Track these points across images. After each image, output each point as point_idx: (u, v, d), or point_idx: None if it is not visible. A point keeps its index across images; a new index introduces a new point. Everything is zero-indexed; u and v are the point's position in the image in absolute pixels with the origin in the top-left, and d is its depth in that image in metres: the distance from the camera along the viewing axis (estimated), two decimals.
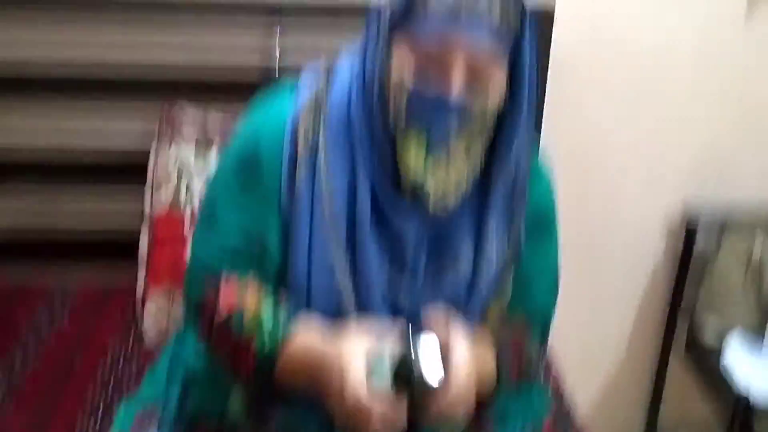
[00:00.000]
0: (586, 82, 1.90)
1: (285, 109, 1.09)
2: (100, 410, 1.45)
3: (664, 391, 2.11)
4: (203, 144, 1.66)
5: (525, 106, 1.06)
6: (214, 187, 1.13)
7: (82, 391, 1.49)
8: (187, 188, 1.64)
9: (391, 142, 1.04)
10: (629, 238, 2.05)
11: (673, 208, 2.01)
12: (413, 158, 1.02)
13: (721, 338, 1.86)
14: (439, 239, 1.10)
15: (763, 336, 1.80)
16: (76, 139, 1.78)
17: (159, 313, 1.63)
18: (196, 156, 1.65)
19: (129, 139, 1.77)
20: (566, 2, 1.78)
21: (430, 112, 1.00)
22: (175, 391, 1.21)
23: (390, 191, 1.06)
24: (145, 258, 1.67)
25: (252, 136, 1.09)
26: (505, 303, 1.17)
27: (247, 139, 1.10)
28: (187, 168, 1.65)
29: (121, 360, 1.59)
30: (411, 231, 1.07)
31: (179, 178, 1.64)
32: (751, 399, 1.66)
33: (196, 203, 1.62)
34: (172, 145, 1.66)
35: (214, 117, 1.69)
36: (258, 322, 1.05)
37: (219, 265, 1.09)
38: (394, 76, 1.01)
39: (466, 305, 1.11)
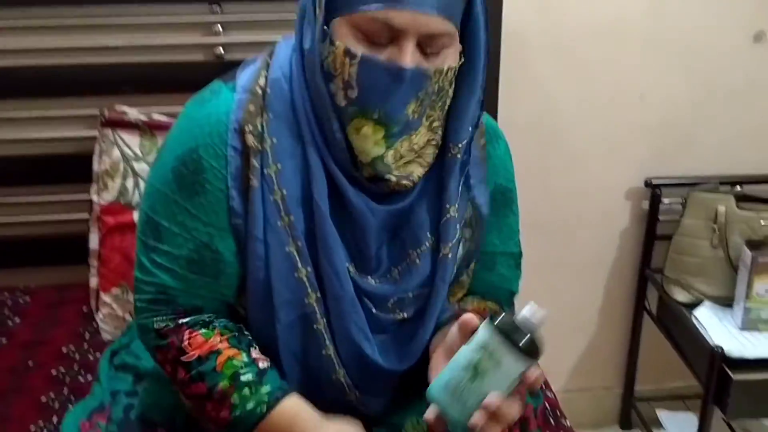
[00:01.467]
0: (540, 54, 1.87)
1: (223, 106, 1.01)
2: (56, 410, 1.39)
3: (639, 351, 2.10)
4: (147, 132, 1.60)
5: (480, 65, 1.01)
6: (153, 197, 1.03)
7: (37, 392, 1.44)
8: (134, 174, 1.58)
9: (339, 120, 0.97)
10: (595, 205, 2.04)
11: (635, 178, 1.99)
12: (369, 140, 0.96)
13: (691, 301, 1.85)
14: (400, 219, 1.05)
15: (730, 298, 1.79)
16: (19, 143, 1.74)
17: (115, 303, 1.58)
18: (141, 144, 1.60)
19: (73, 140, 1.73)
20: None
21: (383, 80, 0.93)
22: (124, 388, 1.16)
23: (345, 172, 1.00)
24: (96, 251, 1.61)
25: (189, 137, 1.01)
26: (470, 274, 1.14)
27: (185, 142, 1.01)
28: (132, 157, 1.59)
29: (78, 356, 1.54)
30: (371, 214, 1.02)
31: (125, 168, 1.59)
32: (725, 351, 1.65)
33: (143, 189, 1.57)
34: (116, 139, 1.60)
35: (157, 115, 1.64)
36: (234, 371, 1.00)
37: (172, 281, 1.02)
38: (339, 45, 0.94)
39: (433, 280, 1.07)
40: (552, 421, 1.36)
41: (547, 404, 1.38)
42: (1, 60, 1.68)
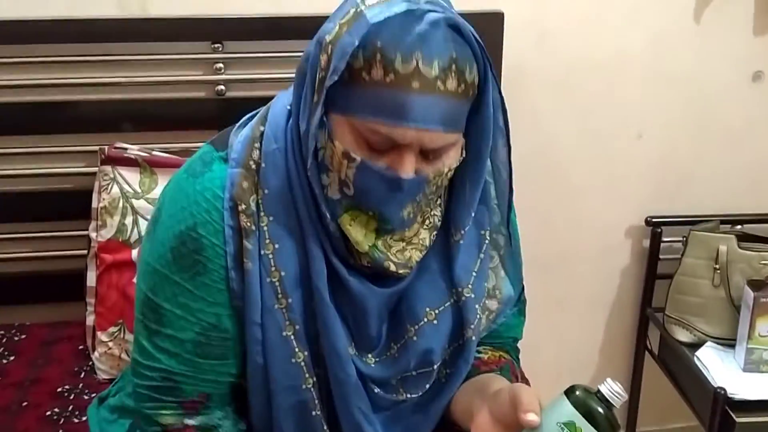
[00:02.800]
0: (539, 88, 1.88)
1: (217, 180, 0.96)
2: None
3: (641, 392, 2.07)
4: (147, 170, 1.60)
5: (485, 159, 0.98)
6: (151, 277, 0.98)
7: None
8: (133, 212, 1.57)
9: (331, 210, 0.94)
10: (595, 243, 2.03)
11: (635, 216, 1.99)
12: (361, 232, 0.93)
13: (693, 341, 1.83)
14: (400, 297, 1.02)
15: (732, 338, 1.77)
16: (18, 178, 1.73)
17: (112, 342, 1.55)
18: (141, 182, 1.59)
19: (73, 176, 1.73)
20: (514, 8, 1.77)
21: (381, 187, 0.90)
22: None
23: (343, 257, 0.96)
24: (93, 289, 1.60)
25: (186, 214, 0.96)
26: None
27: (182, 219, 0.96)
28: (131, 195, 1.58)
29: (72, 396, 1.51)
30: (372, 296, 0.98)
31: (124, 206, 1.57)
32: (728, 393, 1.63)
33: (143, 227, 1.56)
34: (116, 176, 1.60)
35: (158, 152, 1.65)
36: None
37: (178, 366, 0.97)
38: (338, 146, 0.90)
39: (460, 348, 1.04)
40: None
41: None
42: (1, 95, 1.67)
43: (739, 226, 1.93)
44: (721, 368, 1.73)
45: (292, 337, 0.98)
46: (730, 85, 1.93)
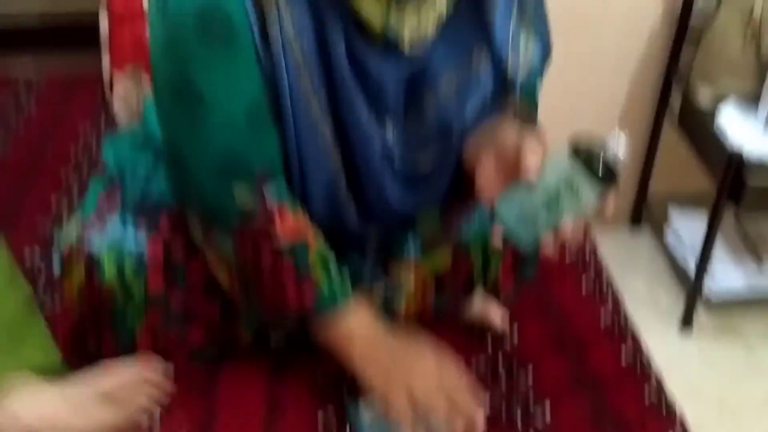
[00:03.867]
0: None
1: None
2: (75, 189, 1.43)
3: (656, 156, 2.08)
4: None
5: None
6: (177, 59, 0.91)
7: (56, 172, 1.47)
8: None
9: None
10: (624, 3, 1.94)
11: None
12: (372, 6, 0.88)
13: (716, 101, 1.79)
14: (417, 72, 0.99)
15: (757, 98, 1.73)
16: None
17: (127, 93, 1.57)
18: None
19: None
20: None
21: None
22: (144, 170, 1.15)
23: (359, 34, 0.92)
24: (107, 39, 1.59)
25: None
26: None
27: None
28: None
29: (93, 142, 1.56)
30: (389, 72, 0.95)
31: None
32: (744, 154, 1.62)
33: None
34: None
35: None
36: (324, 264, 0.97)
37: (238, 140, 0.93)
38: None
39: (488, 109, 1.03)
40: None
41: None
42: None
43: None
44: (741, 128, 1.71)
45: (320, 115, 0.96)
46: None
